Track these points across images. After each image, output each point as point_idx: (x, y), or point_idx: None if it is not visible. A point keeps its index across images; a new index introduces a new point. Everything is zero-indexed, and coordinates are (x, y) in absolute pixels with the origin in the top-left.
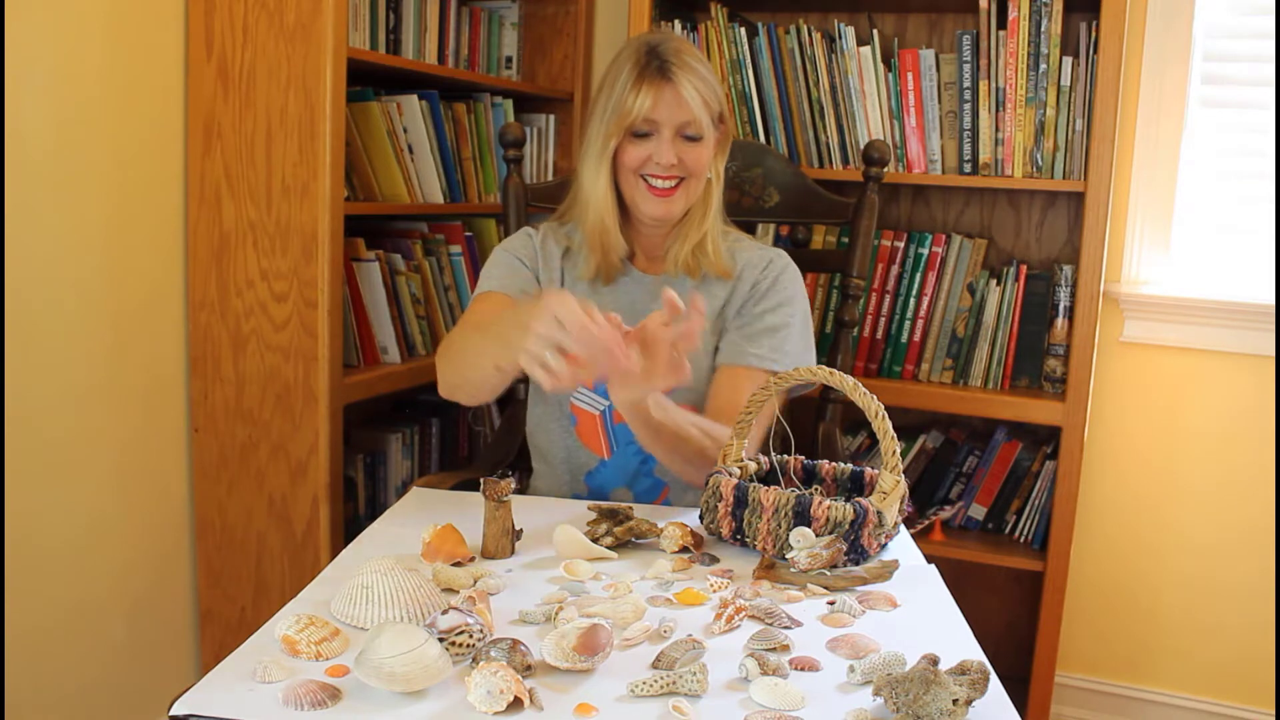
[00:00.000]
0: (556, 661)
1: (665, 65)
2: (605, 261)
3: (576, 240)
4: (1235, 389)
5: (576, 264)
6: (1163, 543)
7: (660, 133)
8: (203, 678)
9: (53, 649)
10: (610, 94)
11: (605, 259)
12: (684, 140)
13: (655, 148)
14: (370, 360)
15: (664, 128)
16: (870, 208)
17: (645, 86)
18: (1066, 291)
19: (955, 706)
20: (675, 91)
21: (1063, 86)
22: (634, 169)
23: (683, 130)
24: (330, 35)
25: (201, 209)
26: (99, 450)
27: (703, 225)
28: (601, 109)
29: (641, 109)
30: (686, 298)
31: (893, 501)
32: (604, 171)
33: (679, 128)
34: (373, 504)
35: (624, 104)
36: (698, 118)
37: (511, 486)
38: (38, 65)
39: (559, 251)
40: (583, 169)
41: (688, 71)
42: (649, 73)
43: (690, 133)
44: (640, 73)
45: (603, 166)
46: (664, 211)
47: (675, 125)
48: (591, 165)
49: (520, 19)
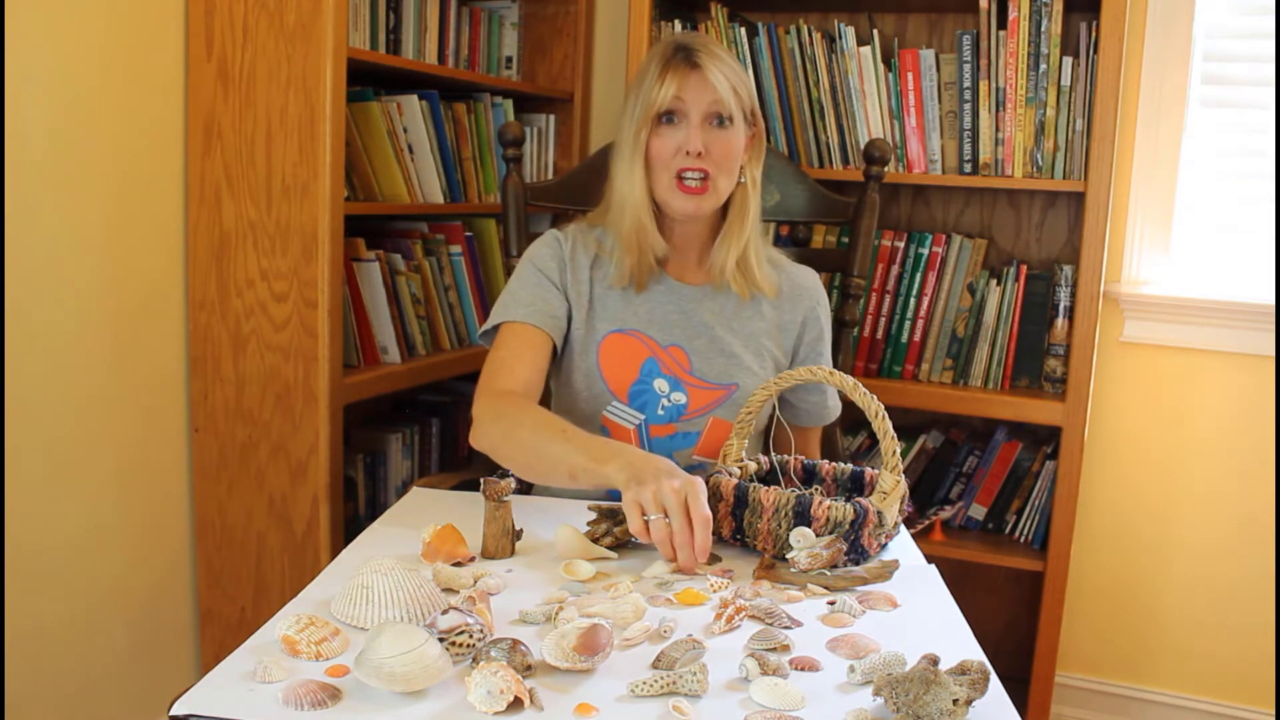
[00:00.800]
0: (556, 661)
1: (691, 53)
2: (641, 263)
3: (607, 246)
4: (1235, 389)
5: (607, 272)
6: (1163, 542)
7: (688, 117)
8: (203, 678)
9: (53, 649)
10: (638, 92)
11: (641, 260)
12: (713, 127)
13: (685, 134)
14: (370, 360)
15: (691, 111)
16: (871, 207)
17: (671, 74)
18: (1066, 291)
19: (955, 706)
20: (701, 75)
21: (1063, 86)
22: (665, 162)
23: (711, 114)
24: (330, 35)
25: (201, 209)
26: (99, 450)
27: (743, 232)
28: (630, 109)
29: (668, 94)
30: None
31: (893, 501)
32: (638, 168)
33: (707, 112)
34: (373, 504)
35: (650, 94)
36: (724, 99)
37: (511, 486)
38: (38, 65)
39: (588, 261)
40: (615, 170)
41: (715, 59)
42: (675, 61)
43: (719, 115)
44: (666, 64)
45: (636, 163)
46: (694, 208)
47: (703, 109)
48: (625, 164)
49: (520, 19)
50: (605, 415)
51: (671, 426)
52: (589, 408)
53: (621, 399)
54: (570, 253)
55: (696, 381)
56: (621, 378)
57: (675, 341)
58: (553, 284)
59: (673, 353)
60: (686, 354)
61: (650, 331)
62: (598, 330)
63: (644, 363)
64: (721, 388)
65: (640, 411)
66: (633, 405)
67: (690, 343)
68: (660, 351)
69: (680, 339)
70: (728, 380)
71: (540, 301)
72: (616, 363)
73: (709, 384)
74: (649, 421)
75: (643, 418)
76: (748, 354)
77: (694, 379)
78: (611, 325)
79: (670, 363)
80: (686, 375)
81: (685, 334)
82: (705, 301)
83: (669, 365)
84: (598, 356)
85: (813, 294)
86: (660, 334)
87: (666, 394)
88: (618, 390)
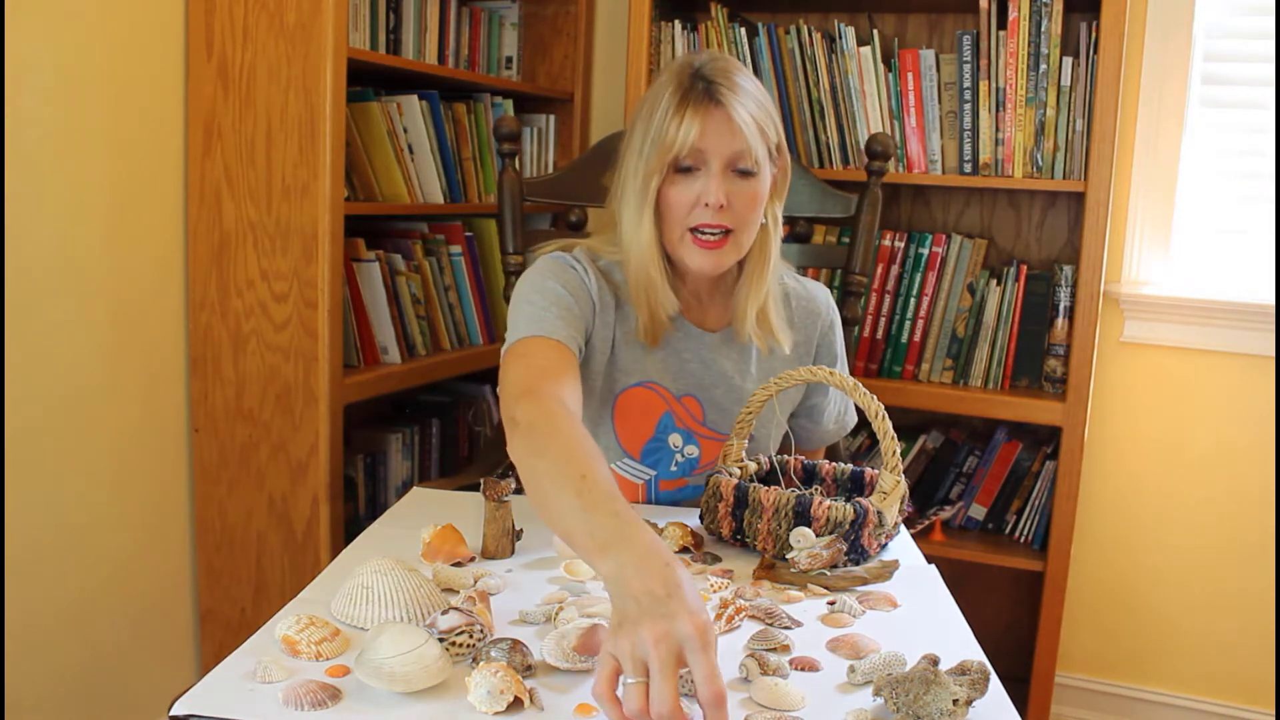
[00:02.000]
0: (556, 661)
1: (713, 87)
2: (653, 320)
3: (624, 290)
4: (1235, 389)
5: (628, 320)
6: (1163, 542)
7: (709, 165)
8: (203, 678)
9: (53, 649)
10: (649, 124)
11: (653, 318)
12: (735, 175)
13: (704, 185)
14: (370, 360)
15: (712, 159)
16: (873, 203)
17: (690, 112)
18: (1066, 291)
19: (955, 706)
20: (725, 115)
21: (1063, 86)
22: (680, 216)
23: (734, 164)
24: (330, 35)
25: (201, 209)
26: (99, 450)
27: (764, 279)
28: (640, 142)
29: (686, 139)
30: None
31: (893, 501)
32: (647, 217)
33: (730, 160)
34: (373, 504)
35: (665, 135)
36: (751, 148)
37: (511, 486)
38: (38, 65)
39: (613, 303)
40: (623, 212)
41: (739, 93)
42: (694, 95)
43: (743, 166)
44: (684, 97)
45: (645, 212)
46: (712, 265)
47: (725, 157)
48: (632, 209)
49: (520, 19)
50: (613, 469)
51: (683, 480)
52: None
53: (634, 455)
54: (598, 294)
55: (709, 433)
56: (636, 435)
57: (689, 392)
58: (581, 318)
59: (687, 403)
60: (700, 405)
61: (665, 381)
62: (617, 383)
63: (661, 417)
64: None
65: (652, 468)
66: (645, 461)
67: (706, 393)
68: (675, 404)
69: (694, 389)
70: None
71: (574, 331)
72: (633, 419)
73: (723, 435)
74: (660, 477)
75: (653, 474)
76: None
77: (707, 430)
78: (631, 379)
79: (684, 415)
80: (699, 427)
81: (701, 384)
82: (724, 348)
83: (683, 418)
84: (613, 412)
85: (825, 316)
86: (675, 384)
87: (680, 448)
88: (630, 447)
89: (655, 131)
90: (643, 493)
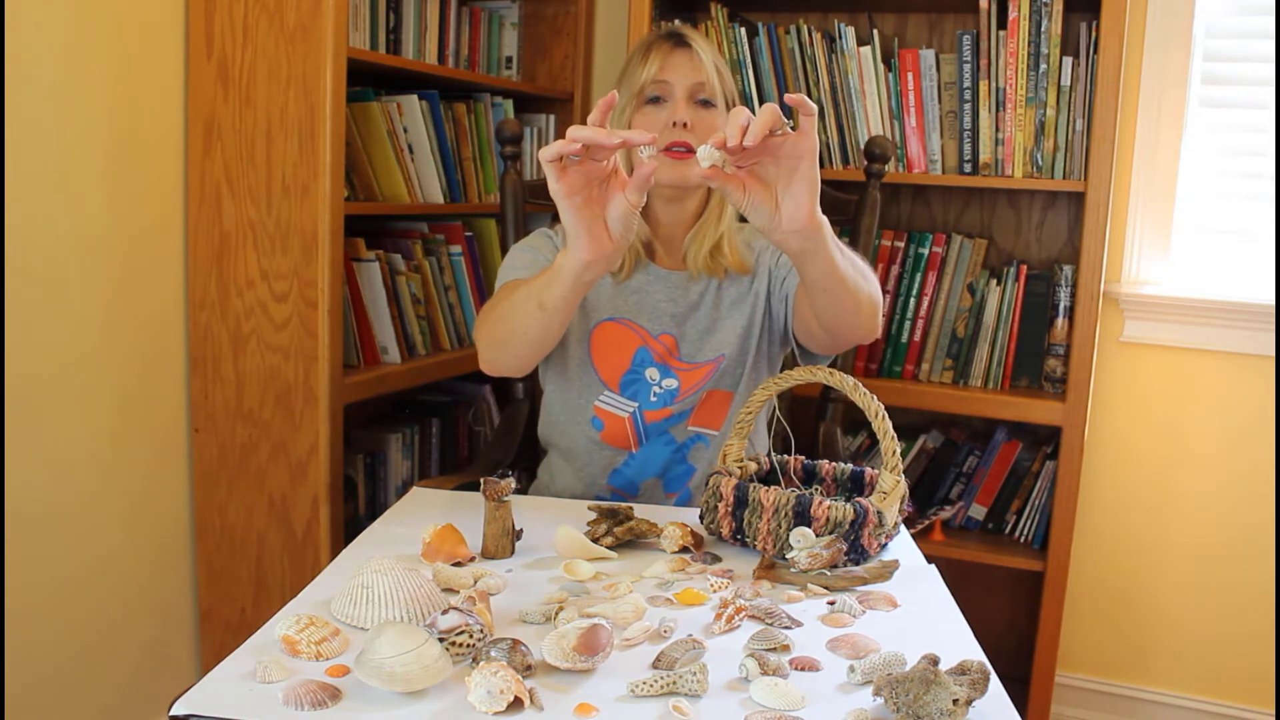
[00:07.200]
0: (556, 661)
1: (676, 34)
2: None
3: None
4: (1235, 389)
5: None
6: (1163, 542)
7: (673, 94)
8: (203, 678)
9: (52, 649)
10: (625, 79)
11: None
12: (698, 105)
13: (670, 110)
14: (370, 360)
15: (676, 88)
16: (872, 204)
17: (655, 53)
18: (1066, 291)
19: (955, 706)
20: (685, 54)
21: (1063, 86)
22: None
23: (695, 94)
24: (330, 35)
25: (201, 209)
26: (99, 450)
27: (720, 225)
28: (621, 100)
29: (651, 72)
30: (710, 297)
31: (893, 501)
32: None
33: (691, 90)
34: (373, 504)
35: (635, 76)
36: (710, 79)
37: (511, 486)
38: (38, 65)
39: None
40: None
41: (699, 42)
42: (659, 40)
43: (703, 96)
44: (652, 43)
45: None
46: (679, 176)
47: (687, 87)
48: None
49: (520, 19)
50: (597, 405)
51: (667, 410)
52: (581, 398)
53: (613, 388)
54: (561, 242)
55: (685, 365)
56: (614, 367)
57: (666, 330)
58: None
59: (664, 340)
60: (676, 340)
61: (641, 320)
62: (590, 319)
63: (636, 351)
64: (709, 363)
65: (633, 400)
66: (624, 394)
67: (680, 328)
68: (652, 341)
69: (671, 327)
70: (714, 355)
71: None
72: (609, 351)
73: (696, 364)
74: (643, 408)
75: (636, 405)
76: (731, 319)
77: (682, 363)
78: (603, 314)
79: (661, 350)
80: (675, 360)
81: (676, 320)
82: (693, 284)
83: (660, 353)
84: (590, 345)
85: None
86: (651, 323)
87: (658, 381)
88: (609, 380)
89: (629, 78)
90: (630, 425)
